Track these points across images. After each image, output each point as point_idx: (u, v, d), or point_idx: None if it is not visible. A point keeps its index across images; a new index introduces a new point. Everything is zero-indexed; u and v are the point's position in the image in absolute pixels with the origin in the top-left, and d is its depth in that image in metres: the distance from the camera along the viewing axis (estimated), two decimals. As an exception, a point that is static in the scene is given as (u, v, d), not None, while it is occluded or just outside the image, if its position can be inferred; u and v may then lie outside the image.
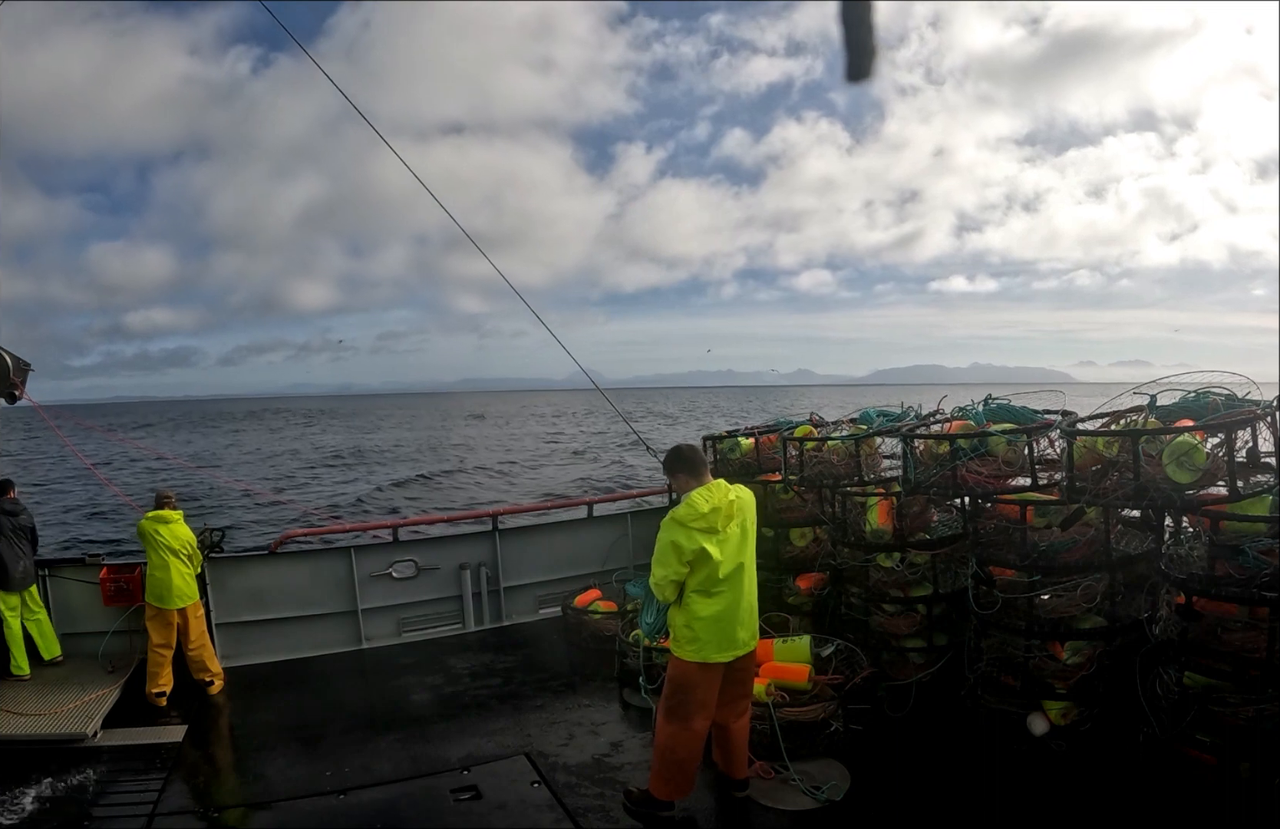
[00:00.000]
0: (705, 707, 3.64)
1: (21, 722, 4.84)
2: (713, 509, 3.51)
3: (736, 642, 3.60)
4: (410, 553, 6.89)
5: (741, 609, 3.61)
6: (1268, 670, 3.35)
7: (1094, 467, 4.02)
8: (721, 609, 3.55)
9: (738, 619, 3.59)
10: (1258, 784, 3.37)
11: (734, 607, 3.58)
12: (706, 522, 3.49)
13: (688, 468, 3.72)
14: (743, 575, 3.61)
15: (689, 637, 3.57)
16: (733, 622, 3.58)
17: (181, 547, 5.64)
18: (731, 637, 3.58)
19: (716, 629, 3.55)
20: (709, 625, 3.54)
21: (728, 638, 3.57)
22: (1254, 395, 3.91)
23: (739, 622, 3.60)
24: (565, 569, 7.29)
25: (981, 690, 4.40)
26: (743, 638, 3.63)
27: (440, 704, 5.36)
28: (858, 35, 1.35)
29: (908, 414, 5.55)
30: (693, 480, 3.66)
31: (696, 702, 3.61)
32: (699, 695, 3.61)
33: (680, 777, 3.68)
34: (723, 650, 3.58)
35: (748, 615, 3.66)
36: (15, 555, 5.62)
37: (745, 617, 3.64)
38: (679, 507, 3.58)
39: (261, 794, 4.20)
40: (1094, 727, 4.08)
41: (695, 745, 3.67)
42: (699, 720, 3.64)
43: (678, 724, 3.63)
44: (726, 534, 3.53)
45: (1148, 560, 4.14)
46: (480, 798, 4.04)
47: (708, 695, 3.63)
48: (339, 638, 6.60)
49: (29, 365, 5.57)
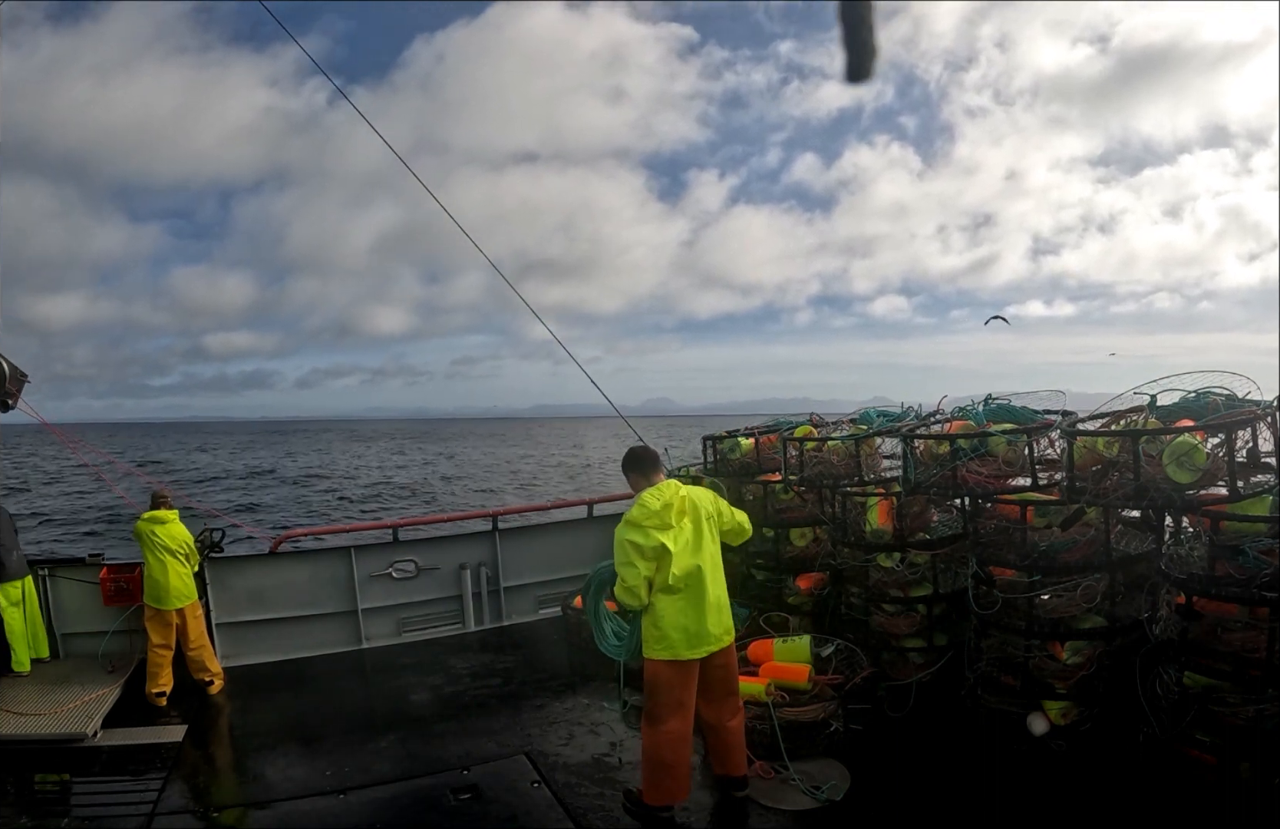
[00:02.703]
0: (682, 707, 3.64)
1: (21, 721, 4.83)
2: (664, 505, 3.59)
3: (707, 637, 3.62)
4: (410, 553, 6.89)
5: (707, 604, 3.62)
6: (1268, 670, 3.34)
7: (1094, 466, 4.02)
8: (684, 605, 3.58)
9: (704, 614, 3.61)
10: (1258, 784, 3.37)
11: (699, 602, 3.60)
12: (659, 518, 3.57)
13: (639, 468, 3.82)
14: (703, 571, 3.64)
15: (656, 636, 3.61)
16: (699, 617, 3.60)
17: (178, 547, 5.64)
18: (700, 632, 3.60)
19: (682, 626, 3.57)
20: (674, 623, 3.58)
21: (695, 634, 3.59)
22: (1254, 395, 3.91)
23: (705, 617, 3.61)
24: (565, 569, 7.29)
25: (981, 690, 4.40)
26: (714, 633, 3.64)
27: (440, 704, 5.36)
28: (858, 35, 1.34)
29: (908, 414, 5.56)
30: (643, 480, 3.75)
31: (673, 701, 3.62)
32: (675, 695, 3.62)
33: (668, 780, 3.66)
34: (692, 647, 3.59)
35: (715, 610, 3.66)
36: (8, 544, 5.61)
37: (713, 612, 3.64)
38: (631, 509, 3.66)
39: (261, 794, 4.20)
40: (1094, 727, 4.07)
41: (678, 748, 3.65)
42: (675, 721, 3.63)
43: (656, 726, 3.65)
44: (680, 528, 3.61)
45: (1148, 560, 4.14)
46: (480, 798, 4.05)
47: (683, 695, 3.64)
48: (339, 638, 6.60)
49: (25, 376, 5.57)
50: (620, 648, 3.99)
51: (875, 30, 1.34)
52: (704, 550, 3.67)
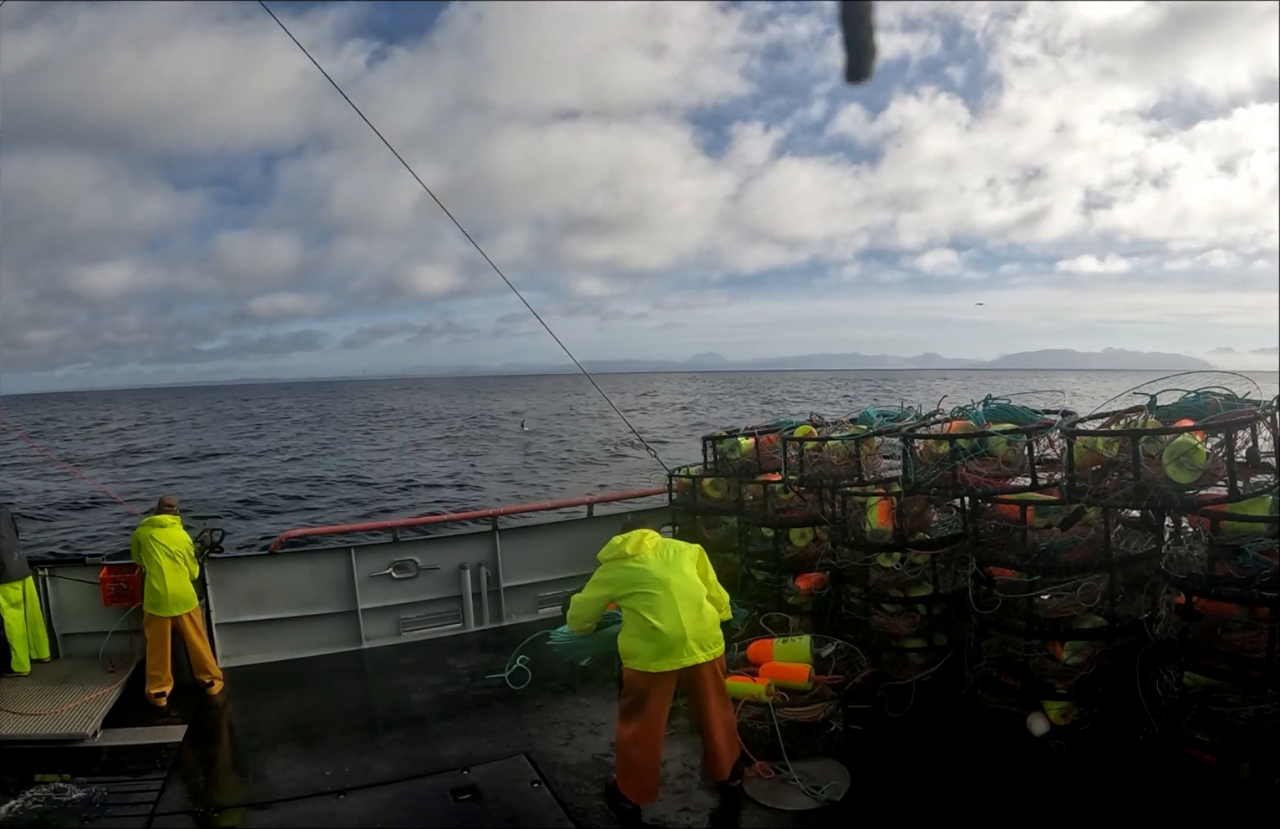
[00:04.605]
0: (655, 716, 3.74)
1: (21, 721, 4.83)
2: (625, 541, 3.99)
3: (681, 651, 3.69)
4: (410, 553, 6.89)
5: (683, 621, 3.71)
6: (1268, 670, 3.35)
7: (1094, 466, 4.02)
8: (655, 625, 3.69)
9: (678, 631, 3.68)
10: (1258, 784, 3.37)
11: (671, 619, 3.70)
12: (619, 550, 3.95)
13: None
14: (671, 590, 3.76)
15: (629, 651, 3.78)
16: (672, 631, 3.67)
17: (178, 551, 5.65)
18: (671, 648, 3.68)
19: (652, 643, 3.69)
20: (642, 641, 3.72)
21: (666, 649, 3.68)
22: (1254, 395, 3.91)
23: (680, 633, 3.69)
24: (565, 569, 7.29)
25: (981, 690, 4.40)
26: (691, 648, 3.71)
27: (440, 704, 5.36)
28: (858, 34, 1.34)
29: (908, 414, 5.56)
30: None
31: (648, 710, 3.72)
32: (650, 704, 3.73)
33: (636, 777, 3.77)
34: (661, 660, 3.69)
35: (692, 627, 3.73)
36: (8, 545, 5.61)
37: (690, 628, 3.71)
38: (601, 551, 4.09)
39: (261, 794, 4.20)
40: (1094, 727, 4.07)
41: (648, 752, 3.76)
42: (643, 725, 3.72)
43: (629, 724, 3.77)
44: (642, 555, 3.89)
45: (1148, 560, 4.13)
46: (480, 798, 4.05)
47: (658, 705, 3.74)
48: (339, 638, 6.60)
49: None
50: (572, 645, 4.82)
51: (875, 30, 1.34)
52: (675, 573, 3.83)
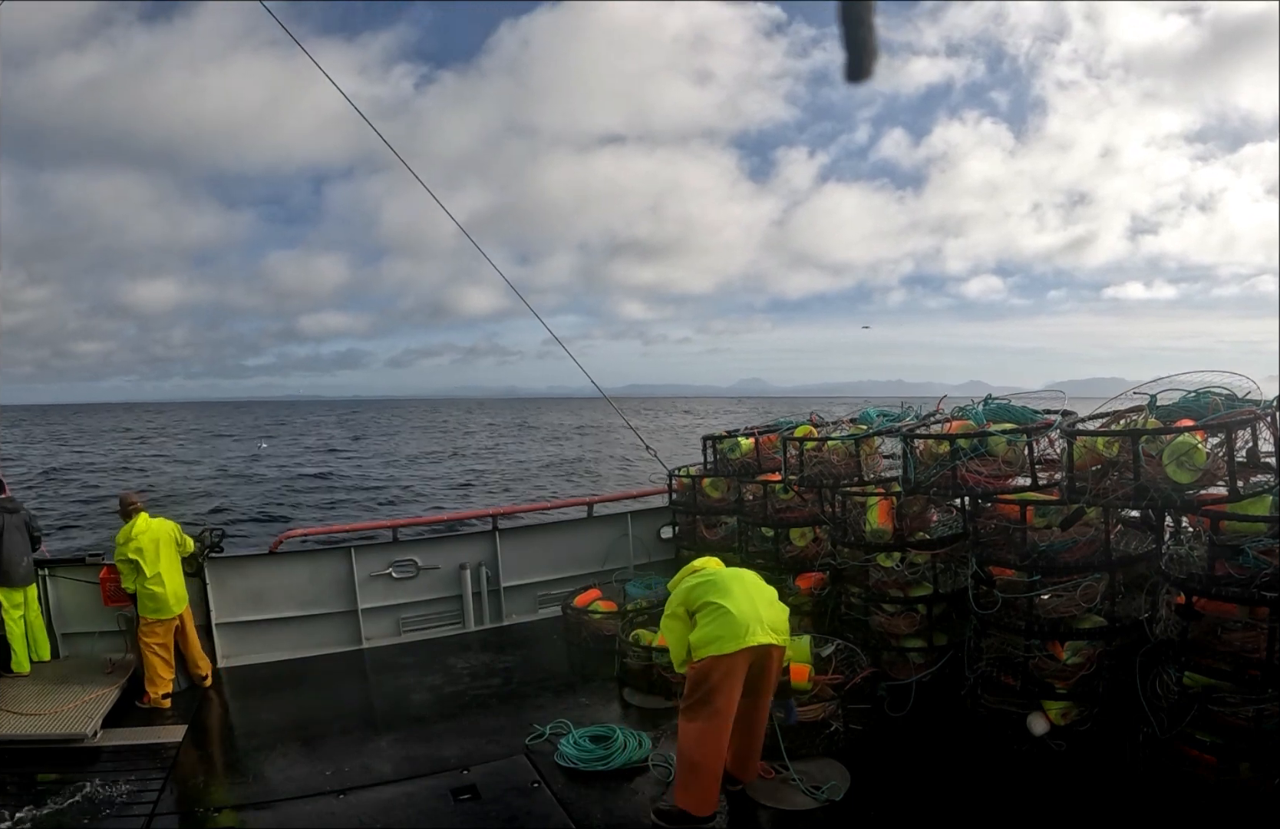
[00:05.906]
0: (723, 714, 3.61)
1: (21, 721, 4.83)
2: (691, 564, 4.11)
3: (756, 630, 3.64)
4: (410, 553, 6.89)
5: (756, 604, 3.72)
6: (1268, 670, 3.35)
7: (1094, 466, 4.02)
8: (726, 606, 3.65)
9: (751, 612, 3.67)
10: (1258, 784, 3.38)
11: (744, 602, 3.68)
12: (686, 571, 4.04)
13: None
14: (743, 580, 3.84)
15: (699, 641, 3.68)
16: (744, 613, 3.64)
17: (169, 540, 5.61)
18: (746, 627, 3.62)
19: (724, 625, 3.62)
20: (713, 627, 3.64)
21: (739, 630, 3.61)
22: (1254, 395, 3.91)
23: (753, 613, 3.67)
24: (565, 569, 7.30)
25: (981, 690, 4.40)
26: (764, 628, 3.68)
27: (440, 704, 5.36)
28: (858, 35, 1.34)
29: (907, 414, 5.56)
30: None
31: (715, 706, 3.59)
32: (718, 698, 3.59)
33: (698, 784, 3.61)
34: (733, 641, 3.61)
35: (765, 610, 3.74)
36: (18, 552, 5.61)
37: (763, 612, 3.73)
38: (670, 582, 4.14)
39: (261, 794, 4.19)
40: (1094, 726, 4.08)
41: (713, 754, 3.61)
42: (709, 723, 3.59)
43: (693, 721, 3.63)
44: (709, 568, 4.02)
45: (1148, 560, 4.14)
46: (480, 798, 4.04)
47: (727, 699, 3.61)
48: (339, 638, 6.60)
49: None
50: None
51: (875, 30, 1.34)
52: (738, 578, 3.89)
